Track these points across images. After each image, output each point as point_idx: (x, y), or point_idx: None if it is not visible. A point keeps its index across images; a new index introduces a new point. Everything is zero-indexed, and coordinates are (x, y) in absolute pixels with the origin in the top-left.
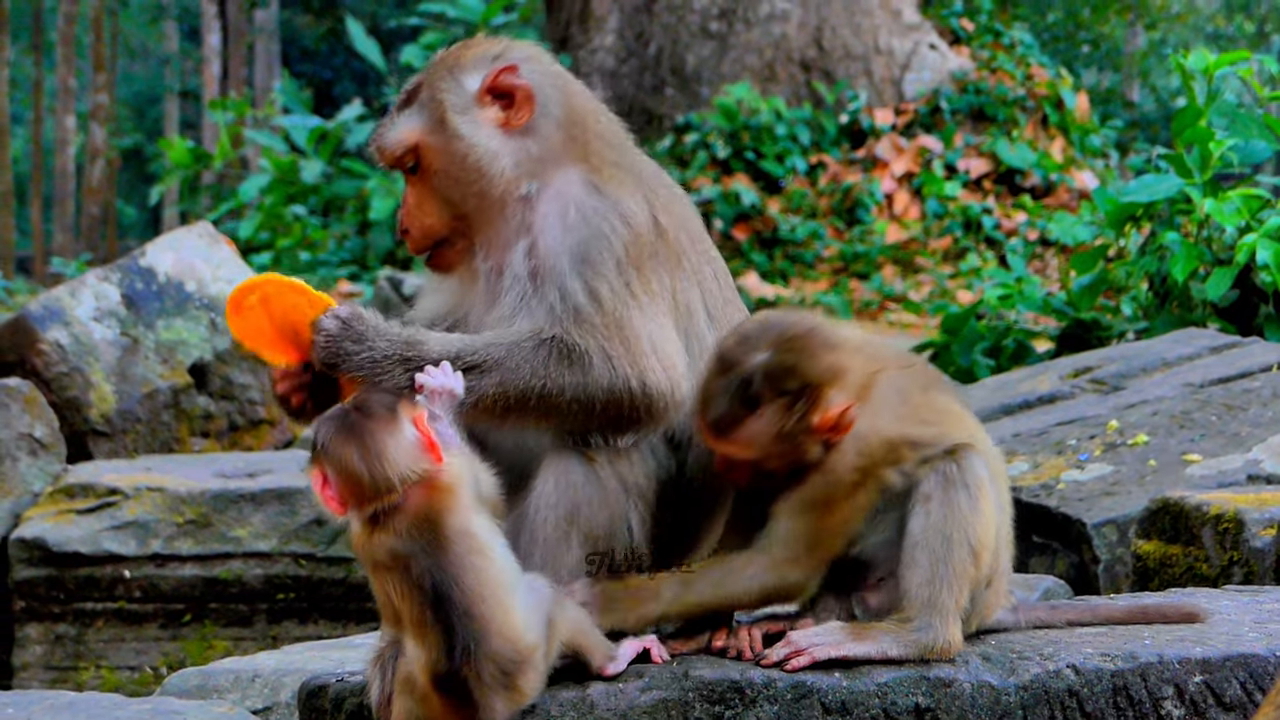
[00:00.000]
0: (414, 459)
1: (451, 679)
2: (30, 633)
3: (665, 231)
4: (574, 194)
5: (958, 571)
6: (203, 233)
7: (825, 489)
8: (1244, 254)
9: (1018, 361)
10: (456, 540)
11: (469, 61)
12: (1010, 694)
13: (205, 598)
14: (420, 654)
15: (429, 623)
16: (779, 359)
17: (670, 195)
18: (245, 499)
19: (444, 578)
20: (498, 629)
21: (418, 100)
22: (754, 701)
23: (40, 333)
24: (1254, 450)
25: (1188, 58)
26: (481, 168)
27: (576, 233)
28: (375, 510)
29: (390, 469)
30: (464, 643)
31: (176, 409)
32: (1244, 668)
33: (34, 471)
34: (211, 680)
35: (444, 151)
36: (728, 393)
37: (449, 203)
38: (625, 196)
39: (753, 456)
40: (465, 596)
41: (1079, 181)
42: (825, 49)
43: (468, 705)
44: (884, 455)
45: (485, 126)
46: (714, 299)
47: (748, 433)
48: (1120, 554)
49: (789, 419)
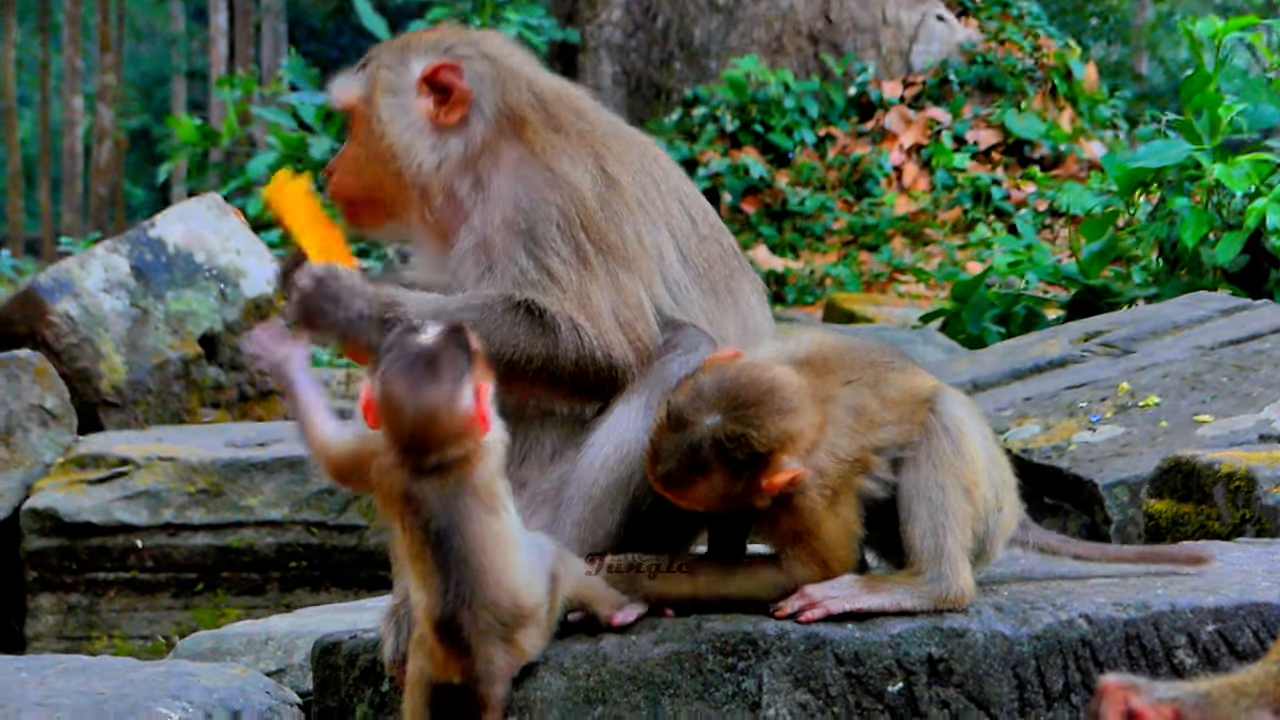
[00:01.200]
0: (466, 427)
1: (449, 625)
2: (43, 603)
3: (616, 180)
4: (509, 174)
5: (957, 516)
6: (212, 204)
7: (805, 521)
8: (1254, 219)
9: (1028, 329)
10: (473, 495)
11: (420, 47)
12: (1023, 644)
13: (217, 566)
14: (422, 598)
15: (429, 565)
16: (728, 428)
17: (626, 145)
18: (256, 468)
19: (449, 524)
20: (495, 580)
21: (368, 67)
22: (767, 653)
23: (50, 304)
24: (1265, 410)
25: (1196, 24)
26: (395, 153)
27: (516, 210)
28: (401, 458)
29: (440, 433)
30: (460, 589)
31: (187, 379)
32: (1256, 616)
33: (45, 442)
34: (225, 643)
35: (367, 125)
36: (677, 453)
37: (366, 173)
38: (562, 162)
39: (703, 509)
40: (465, 544)
41: (1088, 152)
42: (833, 21)
43: (466, 655)
44: (850, 473)
45: (413, 115)
46: (686, 237)
47: (696, 492)
48: (1132, 514)
49: (736, 485)
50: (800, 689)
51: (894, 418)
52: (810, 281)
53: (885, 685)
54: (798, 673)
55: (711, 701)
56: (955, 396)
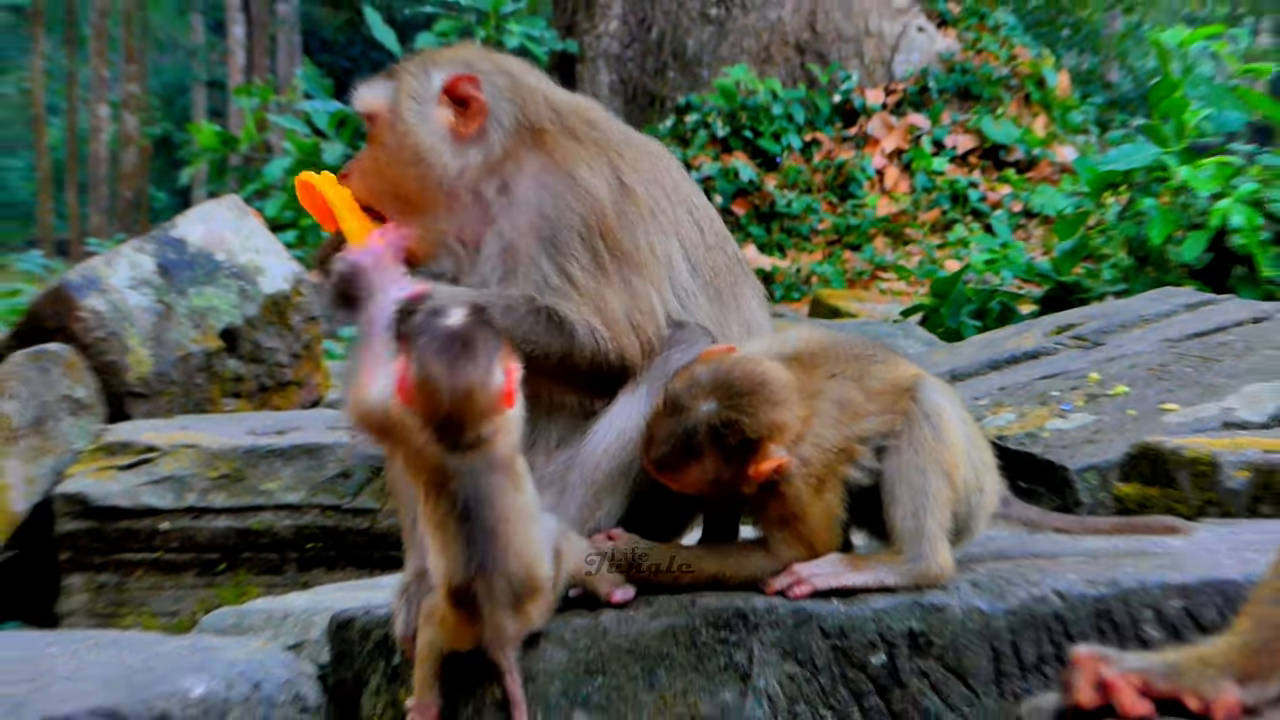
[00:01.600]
0: (495, 404)
1: (465, 592)
2: (74, 582)
3: (632, 190)
4: (532, 182)
5: (936, 498)
6: (231, 205)
7: (791, 507)
8: (1218, 218)
9: (1003, 323)
10: (499, 469)
11: (444, 61)
12: (999, 618)
13: (238, 547)
14: (441, 564)
15: (453, 535)
16: (723, 414)
17: (639, 154)
18: (275, 454)
19: (478, 497)
20: (516, 551)
21: (394, 76)
22: (757, 627)
23: (79, 301)
24: (1228, 399)
25: (1164, 33)
26: (421, 157)
27: (541, 217)
28: (432, 434)
29: (476, 411)
30: (482, 558)
31: (209, 371)
32: (1220, 593)
33: (75, 431)
34: (246, 619)
35: (392, 130)
36: (672, 438)
37: (388, 179)
38: (582, 170)
39: (693, 492)
40: (492, 515)
41: (1060, 156)
42: (818, 32)
43: (478, 621)
44: (835, 462)
45: (434, 123)
46: (695, 247)
47: (688, 475)
48: (1102, 497)
49: (727, 469)
50: (788, 660)
51: (877, 408)
52: (797, 279)
53: (868, 657)
54: (786, 645)
55: (705, 672)
56: (935, 384)
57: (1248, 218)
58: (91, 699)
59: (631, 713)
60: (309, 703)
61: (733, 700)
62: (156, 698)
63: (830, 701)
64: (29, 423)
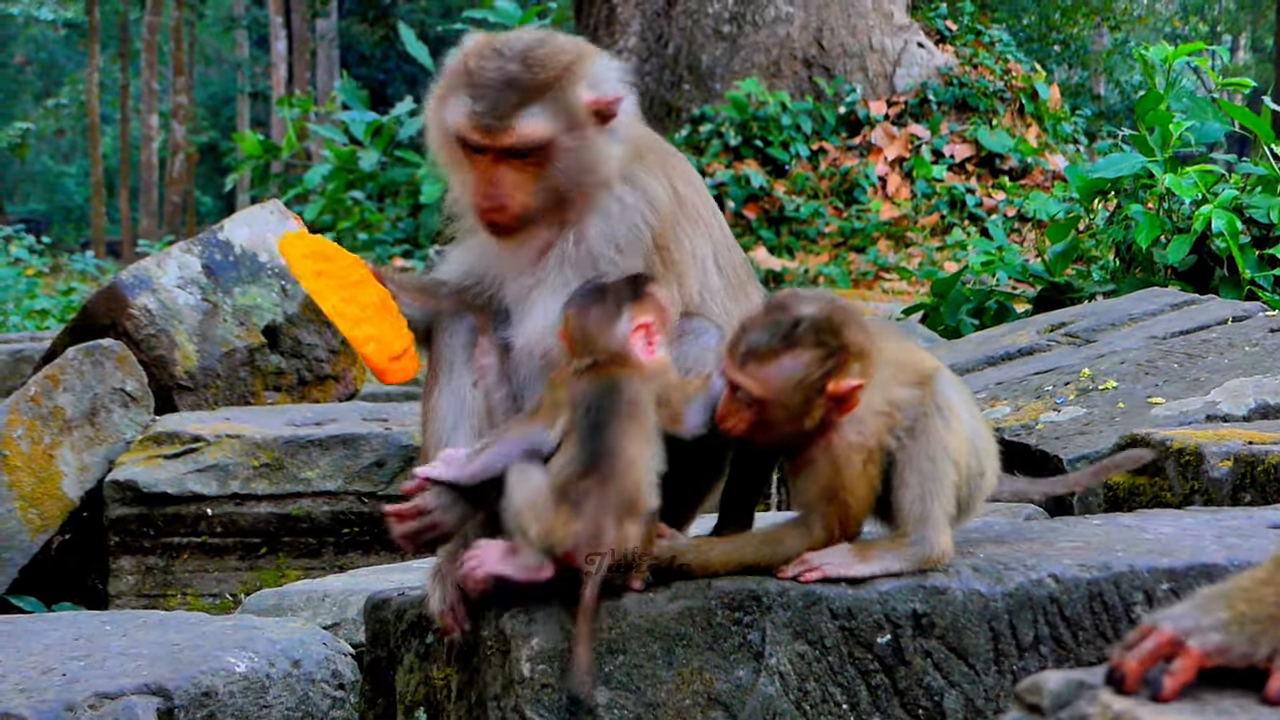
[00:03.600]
0: (619, 341)
1: (575, 486)
2: (124, 564)
3: (684, 199)
4: (617, 193)
5: (943, 485)
6: (274, 209)
7: (841, 475)
8: (1201, 223)
9: (999, 321)
10: (629, 401)
11: (594, 76)
12: (998, 600)
13: (279, 532)
14: (559, 460)
15: (579, 435)
16: (829, 315)
17: (684, 165)
18: (314, 444)
19: (603, 412)
20: (628, 461)
21: (548, 98)
22: (769, 609)
23: (130, 299)
24: (1212, 393)
25: (1149, 50)
26: (596, 166)
27: (616, 224)
28: (582, 362)
29: (596, 340)
30: (595, 455)
31: (252, 366)
32: (1206, 576)
33: (126, 422)
34: (286, 600)
35: (572, 152)
36: (772, 328)
37: (555, 190)
38: (652, 182)
39: (764, 396)
40: (613, 427)
41: (1052, 164)
42: (825, 48)
43: (578, 517)
44: (879, 427)
45: (592, 134)
46: (721, 249)
47: (774, 369)
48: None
49: (814, 372)
50: (799, 640)
51: (910, 382)
52: (805, 279)
53: (875, 637)
54: (797, 626)
55: (720, 651)
56: (949, 378)
57: (1229, 222)
58: (141, 675)
59: (651, 689)
60: (345, 680)
61: (746, 678)
62: (202, 674)
63: (839, 679)
64: (82, 414)
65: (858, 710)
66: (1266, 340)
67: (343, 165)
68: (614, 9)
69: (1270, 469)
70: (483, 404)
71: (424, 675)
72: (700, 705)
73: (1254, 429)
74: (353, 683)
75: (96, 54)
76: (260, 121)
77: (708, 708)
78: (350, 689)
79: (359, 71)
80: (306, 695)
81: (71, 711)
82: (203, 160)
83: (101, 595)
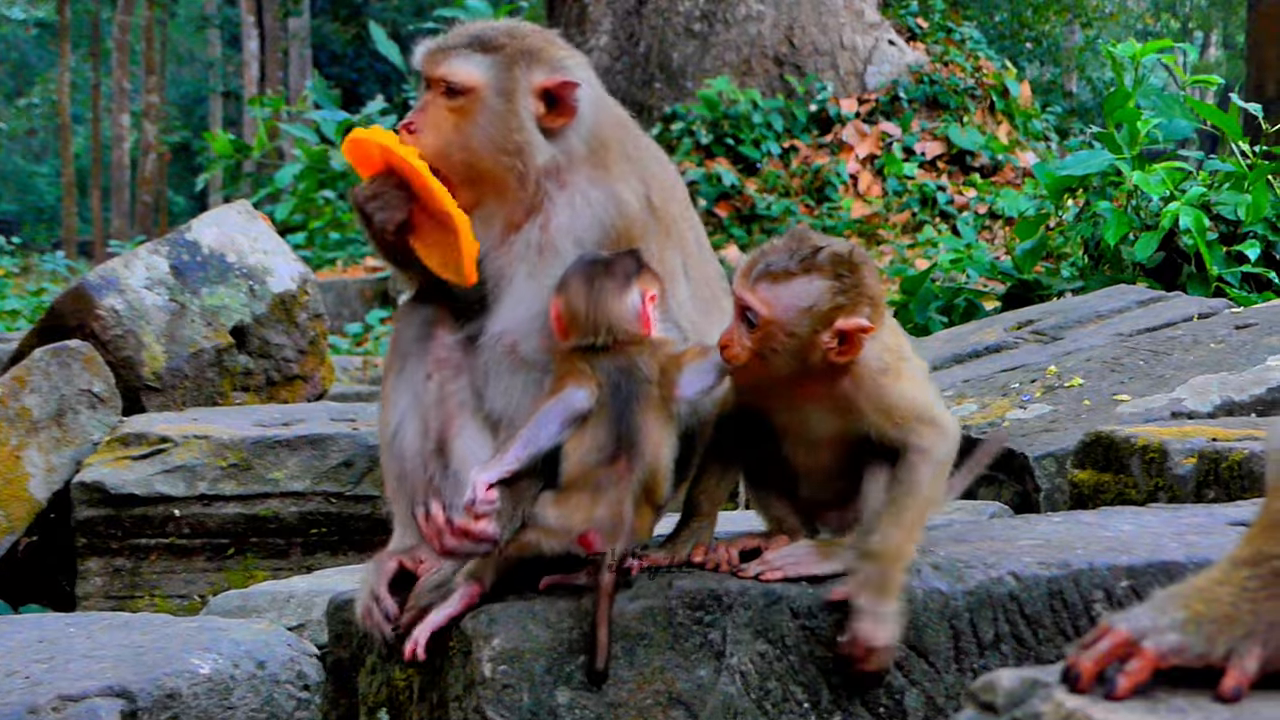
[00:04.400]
0: (631, 315)
1: (599, 469)
2: (91, 566)
3: (657, 208)
4: (585, 190)
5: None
6: (242, 210)
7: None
8: (1168, 220)
9: (968, 319)
10: (645, 384)
11: (548, 58)
12: (958, 599)
13: (246, 533)
14: (579, 445)
15: (600, 420)
16: (850, 252)
17: (663, 171)
18: (281, 445)
19: (628, 397)
20: (652, 444)
21: (494, 56)
22: (730, 608)
23: (98, 300)
24: (1177, 390)
25: (1118, 47)
26: (521, 148)
27: (581, 221)
28: (582, 342)
29: (608, 314)
30: (621, 437)
31: (219, 366)
32: (1165, 574)
33: (93, 423)
34: (251, 601)
35: (496, 114)
36: (790, 252)
37: (469, 151)
38: (623, 187)
39: (772, 319)
40: (638, 413)
41: (1023, 161)
42: (796, 46)
43: (599, 501)
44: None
45: (530, 114)
46: (693, 259)
47: (786, 290)
48: (1059, 483)
49: (826, 302)
50: (760, 639)
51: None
52: None
53: (836, 636)
54: (758, 625)
55: (681, 651)
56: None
57: (1196, 219)
58: (105, 677)
59: (612, 689)
60: (310, 681)
61: (708, 677)
62: (166, 676)
63: (800, 678)
64: (50, 415)
65: (819, 709)
66: (1231, 337)
67: (314, 165)
68: (585, 8)
69: (1234, 466)
70: (436, 396)
71: (386, 676)
72: (661, 705)
73: (1218, 426)
74: (318, 684)
75: (68, 53)
76: (232, 120)
77: (669, 707)
78: (315, 690)
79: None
80: (271, 696)
81: (34, 714)
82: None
83: (69, 597)
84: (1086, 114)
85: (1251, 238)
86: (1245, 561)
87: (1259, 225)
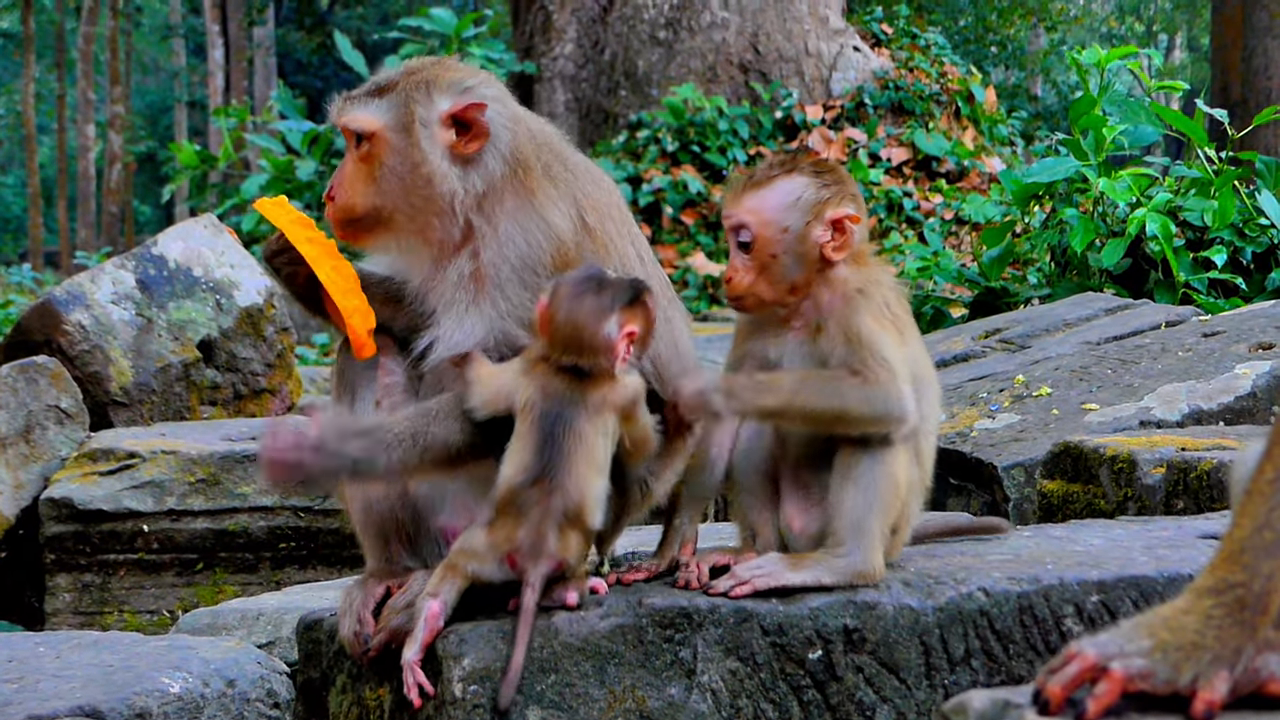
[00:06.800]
0: (603, 341)
1: (521, 494)
2: (60, 582)
3: (593, 229)
4: (512, 215)
5: (885, 502)
6: (208, 224)
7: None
8: (1135, 226)
9: (935, 326)
10: (594, 411)
11: (445, 84)
12: (928, 614)
13: (215, 548)
14: (507, 467)
15: (528, 443)
16: (828, 161)
17: (596, 189)
18: (250, 459)
19: (562, 422)
20: (577, 476)
21: (389, 96)
22: (700, 625)
23: (64, 315)
24: (1145, 399)
25: (1082, 53)
26: (430, 179)
27: (513, 249)
28: (549, 354)
29: (581, 332)
30: (546, 465)
31: (187, 381)
32: (1135, 588)
33: (61, 439)
34: (220, 619)
35: (399, 153)
36: (770, 163)
37: (383, 195)
38: (553, 211)
39: (763, 224)
40: (567, 441)
41: (988, 167)
42: (761, 53)
43: (522, 525)
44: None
45: (440, 147)
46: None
47: (771, 191)
48: (1028, 493)
49: (811, 195)
50: (730, 657)
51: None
52: None
53: (806, 653)
54: (728, 643)
55: (652, 669)
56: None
57: (1162, 226)
58: (74, 697)
59: (583, 708)
60: (280, 699)
61: (678, 695)
62: (136, 695)
63: (770, 695)
64: (17, 431)
65: None
66: (1199, 345)
67: (280, 175)
68: (550, 16)
69: (1203, 475)
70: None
71: (356, 696)
72: None
73: (1187, 435)
74: (288, 701)
75: (32, 64)
76: (198, 130)
77: None
78: (286, 708)
79: (296, 79)
80: (241, 715)
81: None
82: (141, 170)
83: (38, 613)
84: (1052, 118)
85: (1218, 244)
86: (1209, 590)
87: (1225, 231)
